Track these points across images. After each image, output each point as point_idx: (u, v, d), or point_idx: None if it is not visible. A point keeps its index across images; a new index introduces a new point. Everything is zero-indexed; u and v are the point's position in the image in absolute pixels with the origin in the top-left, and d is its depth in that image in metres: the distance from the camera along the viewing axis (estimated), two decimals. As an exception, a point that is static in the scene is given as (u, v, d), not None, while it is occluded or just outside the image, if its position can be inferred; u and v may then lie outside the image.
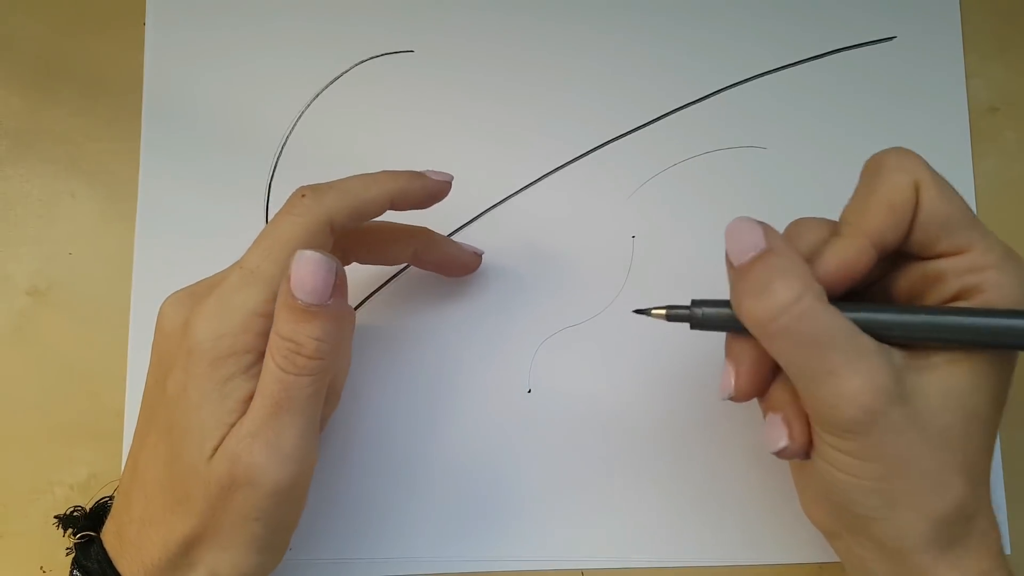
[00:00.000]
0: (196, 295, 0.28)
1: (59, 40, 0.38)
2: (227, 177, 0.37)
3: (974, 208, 0.38)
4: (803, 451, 0.27)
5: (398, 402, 0.36)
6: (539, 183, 0.38)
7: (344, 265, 0.28)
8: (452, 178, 0.31)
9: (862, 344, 0.24)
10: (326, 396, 0.29)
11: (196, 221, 0.37)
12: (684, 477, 0.36)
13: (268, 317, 0.27)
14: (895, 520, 0.26)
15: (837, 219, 0.28)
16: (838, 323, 0.24)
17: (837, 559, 0.32)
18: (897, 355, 0.25)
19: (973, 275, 0.25)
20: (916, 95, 0.39)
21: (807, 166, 0.38)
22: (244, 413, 0.27)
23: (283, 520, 0.28)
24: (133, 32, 0.38)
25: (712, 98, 0.38)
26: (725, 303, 0.27)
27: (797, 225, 0.28)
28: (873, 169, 0.27)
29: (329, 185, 0.29)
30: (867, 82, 0.39)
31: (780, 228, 0.37)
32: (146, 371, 0.29)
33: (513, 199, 0.38)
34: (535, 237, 0.37)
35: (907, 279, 0.27)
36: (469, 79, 0.38)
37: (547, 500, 0.35)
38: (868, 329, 0.25)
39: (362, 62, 0.38)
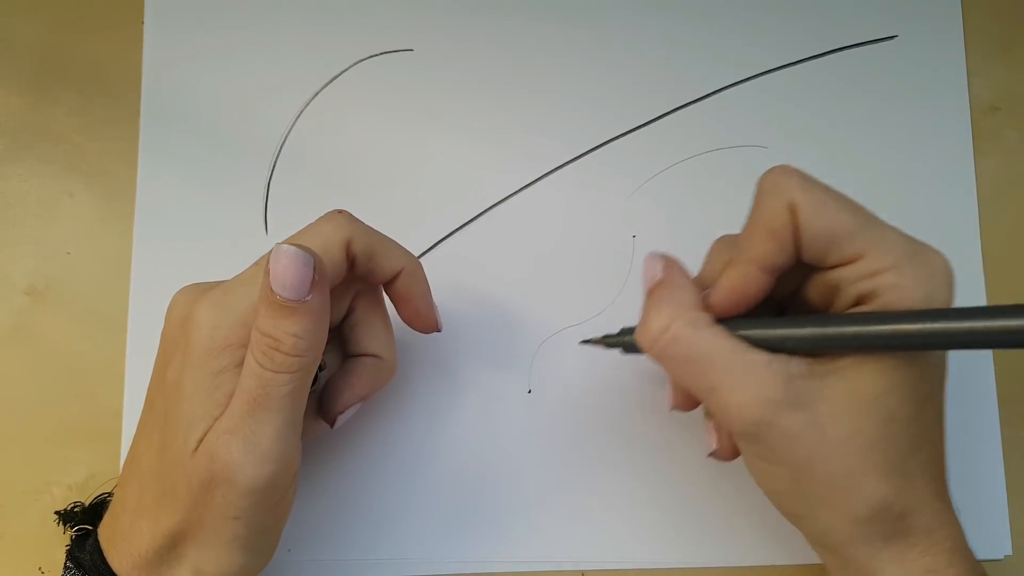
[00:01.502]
0: (206, 286, 0.28)
1: (57, 40, 0.38)
2: (225, 176, 0.37)
3: (975, 207, 0.38)
4: (731, 454, 0.30)
5: (398, 402, 0.36)
6: (539, 183, 0.38)
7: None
8: (438, 331, 0.32)
9: (745, 359, 0.26)
10: (377, 369, 0.31)
11: (194, 221, 0.37)
12: (684, 477, 0.36)
13: None
14: (817, 519, 0.27)
15: None
16: (717, 344, 0.26)
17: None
18: (796, 364, 0.26)
19: (866, 281, 0.25)
20: (917, 94, 0.38)
21: (807, 166, 0.37)
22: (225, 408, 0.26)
23: (264, 521, 0.27)
24: (131, 31, 0.38)
25: (712, 98, 0.38)
26: None
27: (714, 246, 0.30)
28: (757, 192, 0.27)
29: (363, 222, 0.29)
30: (868, 81, 0.38)
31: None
32: (145, 371, 0.29)
33: (513, 199, 0.38)
34: (535, 237, 0.37)
35: (815, 290, 0.28)
36: (468, 78, 0.38)
37: (547, 500, 0.35)
38: (763, 343, 0.26)
39: (361, 61, 0.38)
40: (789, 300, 0.29)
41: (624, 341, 0.31)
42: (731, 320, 0.27)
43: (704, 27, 0.39)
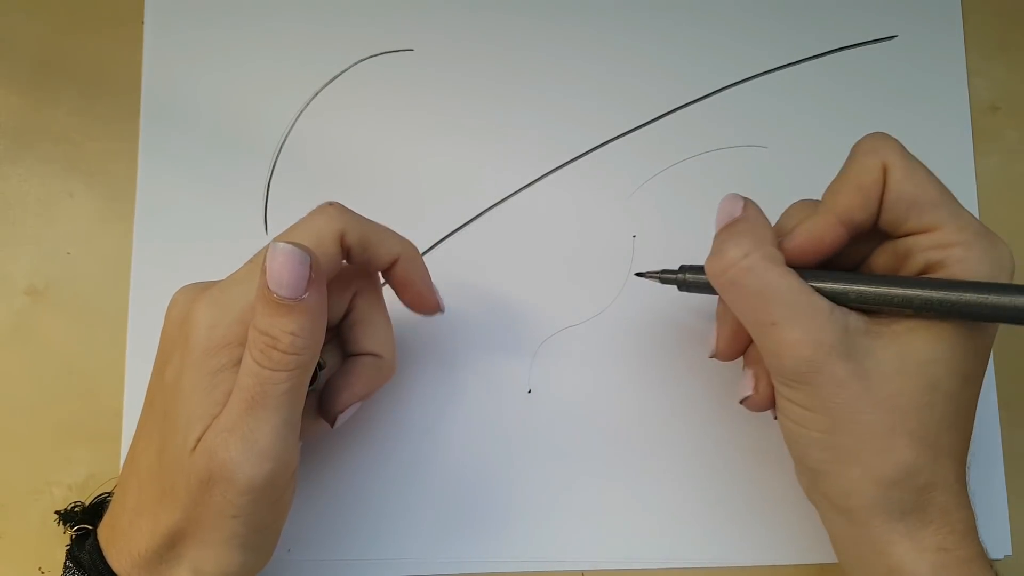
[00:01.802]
0: (204, 286, 0.28)
1: (58, 39, 0.38)
2: (225, 177, 0.37)
3: (976, 206, 0.38)
4: (765, 403, 0.30)
5: (398, 402, 0.36)
6: (539, 183, 0.38)
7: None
8: (440, 312, 0.32)
9: (810, 302, 0.26)
10: (378, 370, 0.31)
11: (194, 221, 0.37)
12: (684, 478, 0.36)
13: None
14: (842, 475, 0.27)
15: None
16: (786, 281, 0.26)
17: (837, 560, 0.32)
18: (855, 318, 0.27)
19: (938, 251, 0.27)
20: (917, 94, 0.38)
21: (807, 166, 0.38)
22: (223, 406, 0.26)
23: (263, 520, 0.27)
24: (131, 32, 0.38)
25: (712, 97, 0.38)
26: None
27: (794, 205, 0.31)
28: (852, 152, 0.28)
29: (355, 212, 0.29)
30: (868, 81, 0.38)
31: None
32: (145, 371, 0.29)
33: (513, 199, 0.38)
34: (535, 237, 0.37)
35: (883, 256, 0.29)
36: (469, 78, 0.38)
37: (547, 500, 0.35)
38: (828, 294, 0.27)
39: (361, 61, 0.38)
40: (848, 269, 0.30)
41: (682, 278, 0.31)
42: (800, 269, 0.27)
43: (704, 27, 0.39)
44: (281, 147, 0.37)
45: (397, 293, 0.31)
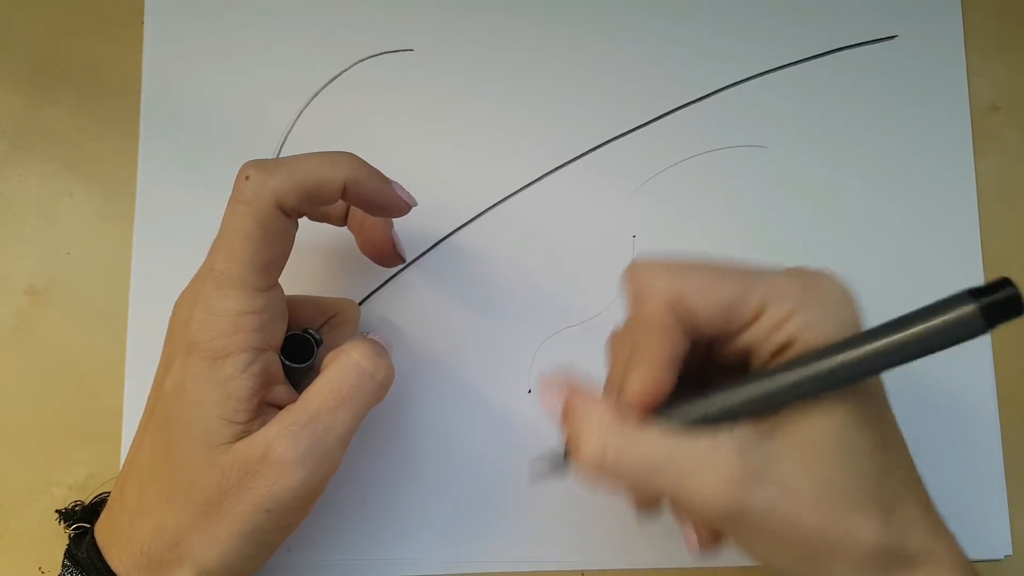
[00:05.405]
0: (210, 291, 0.28)
1: (58, 40, 0.38)
2: (225, 176, 0.37)
3: (975, 208, 0.38)
4: (718, 542, 0.28)
5: (398, 403, 0.36)
6: (539, 183, 0.38)
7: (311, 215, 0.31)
8: (415, 204, 0.30)
9: (693, 449, 0.24)
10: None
11: (194, 220, 0.37)
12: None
13: (256, 313, 0.27)
14: (826, 573, 0.25)
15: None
16: (657, 444, 0.24)
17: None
18: (741, 432, 0.25)
19: (778, 333, 0.25)
20: (917, 94, 0.38)
21: (807, 166, 0.38)
22: (247, 411, 0.27)
23: (289, 519, 0.28)
24: (131, 32, 0.38)
25: (712, 97, 0.38)
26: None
27: (615, 337, 0.29)
28: (630, 295, 0.26)
29: (277, 163, 0.27)
30: (868, 81, 0.38)
31: (782, 228, 0.37)
32: (145, 371, 0.29)
33: (513, 199, 0.38)
34: (535, 237, 0.37)
35: (729, 356, 0.26)
36: (468, 78, 0.38)
37: (547, 500, 0.35)
38: (705, 420, 0.25)
39: (361, 61, 0.38)
40: (705, 364, 0.28)
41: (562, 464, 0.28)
42: (664, 408, 0.25)
43: (704, 27, 0.39)
44: (281, 147, 0.37)
45: (365, 204, 0.30)
